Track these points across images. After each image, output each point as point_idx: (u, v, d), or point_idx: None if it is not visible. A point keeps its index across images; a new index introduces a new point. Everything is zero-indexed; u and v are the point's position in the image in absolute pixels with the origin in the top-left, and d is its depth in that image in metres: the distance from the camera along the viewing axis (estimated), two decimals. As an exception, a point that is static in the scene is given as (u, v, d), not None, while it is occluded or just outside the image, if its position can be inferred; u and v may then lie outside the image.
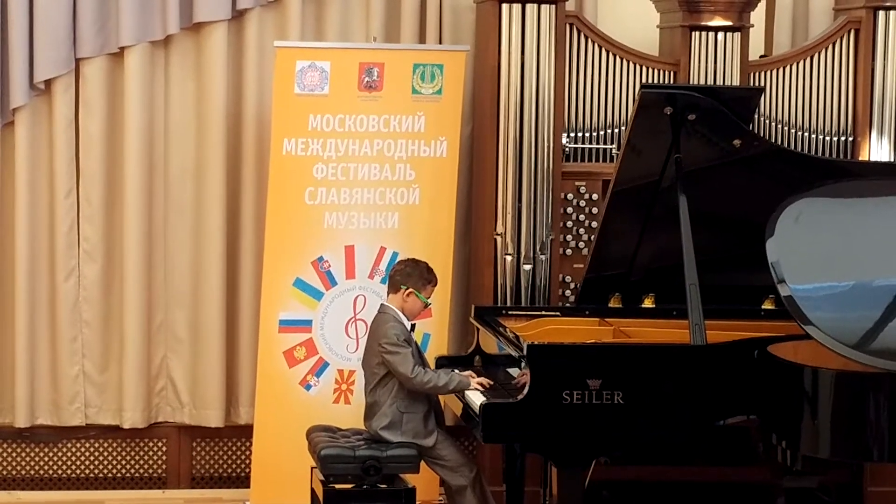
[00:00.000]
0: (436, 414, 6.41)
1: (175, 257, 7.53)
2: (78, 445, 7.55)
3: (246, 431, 7.43)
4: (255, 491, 7.16)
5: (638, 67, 7.28)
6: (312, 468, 6.46)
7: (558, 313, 6.85)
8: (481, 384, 6.30)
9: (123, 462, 7.59)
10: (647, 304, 6.81)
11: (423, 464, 6.33)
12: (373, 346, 6.38)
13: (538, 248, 7.15)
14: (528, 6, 7.09)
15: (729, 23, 7.19)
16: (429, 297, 6.45)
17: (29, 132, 7.33)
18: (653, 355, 5.99)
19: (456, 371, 6.43)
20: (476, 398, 6.17)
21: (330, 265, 7.12)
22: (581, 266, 7.05)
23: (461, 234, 7.52)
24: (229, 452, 7.65)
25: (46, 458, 7.54)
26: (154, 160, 7.45)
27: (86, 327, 7.47)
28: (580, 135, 7.26)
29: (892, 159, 7.33)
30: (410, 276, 6.39)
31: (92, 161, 7.40)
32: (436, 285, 6.49)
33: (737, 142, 6.30)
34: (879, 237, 6.25)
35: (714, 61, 7.21)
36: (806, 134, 7.38)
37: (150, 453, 7.60)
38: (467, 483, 6.32)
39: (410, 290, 6.37)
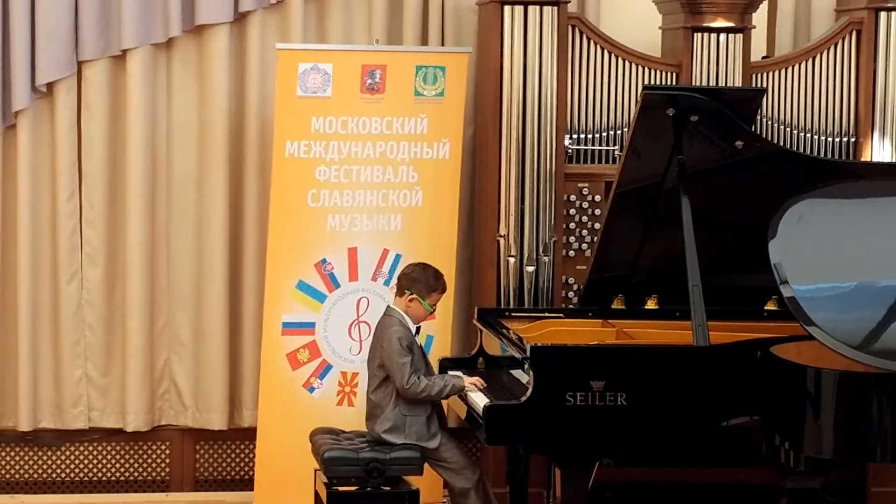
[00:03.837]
0: (439, 416, 6.41)
1: (177, 260, 7.53)
2: (81, 449, 7.55)
3: (249, 434, 7.43)
4: (259, 493, 7.16)
5: (640, 69, 7.28)
6: (316, 470, 6.46)
7: (561, 315, 6.85)
8: (474, 384, 6.30)
9: (127, 465, 7.59)
10: (651, 305, 6.81)
11: (426, 466, 6.33)
12: (376, 348, 6.37)
13: (541, 249, 7.15)
14: (531, 8, 7.09)
15: (731, 24, 7.19)
16: (434, 305, 6.41)
17: (31, 135, 7.32)
18: (656, 356, 5.98)
19: (449, 375, 6.42)
20: (479, 400, 6.16)
21: (333, 267, 7.11)
22: (584, 267, 7.05)
23: (464, 236, 7.52)
24: (233, 455, 7.65)
25: (49, 462, 7.54)
26: (156, 163, 7.45)
27: (88, 330, 7.47)
28: (582, 136, 7.26)
29: (894, 160, 7.33)
30: (416, 281, 6.36)
31: (94, 164, 7.39)
32: (443, 292, 6.44)
33: (739, 143, 6.30)
34: (882, 238, 6.25)
35: (716, 62, 7.21)
36: (808, 135, 7.38)
37: (154, 456, 7.60)
38: (471, 485, 6.31)
39: (414, 296, 6.34)
